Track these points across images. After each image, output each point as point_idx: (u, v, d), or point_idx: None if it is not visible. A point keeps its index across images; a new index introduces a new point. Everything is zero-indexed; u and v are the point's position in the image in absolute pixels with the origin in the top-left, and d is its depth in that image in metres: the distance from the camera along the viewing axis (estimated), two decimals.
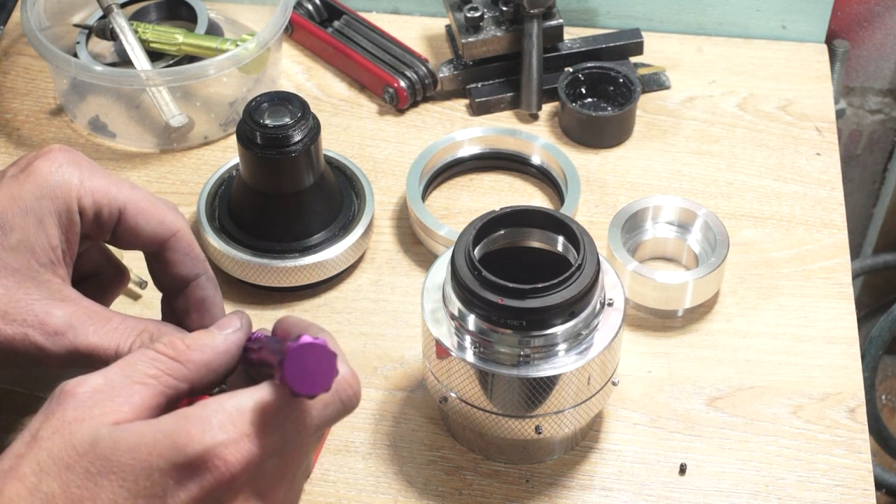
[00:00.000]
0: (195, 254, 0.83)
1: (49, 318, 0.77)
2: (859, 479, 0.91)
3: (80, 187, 0.79)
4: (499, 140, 1.11)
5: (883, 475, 1.54)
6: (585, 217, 1.08)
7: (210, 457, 0.62)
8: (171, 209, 0.83)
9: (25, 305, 0.77)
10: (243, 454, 0.62)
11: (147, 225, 0.81)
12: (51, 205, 0.78)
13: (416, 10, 1.26)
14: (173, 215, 0.82)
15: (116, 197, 0.80)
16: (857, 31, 1.27)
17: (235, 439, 0.62)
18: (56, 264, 0.78)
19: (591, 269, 0.83)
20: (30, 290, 0.77)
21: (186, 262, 0.82)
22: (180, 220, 0.82)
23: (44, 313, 0.77)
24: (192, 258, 0.82)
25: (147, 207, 0.81)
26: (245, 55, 1.09)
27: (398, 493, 0.90)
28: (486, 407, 0.86)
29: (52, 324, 0.77)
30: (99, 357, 0.79)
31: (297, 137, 0.97)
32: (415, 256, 1.05)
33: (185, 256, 0.82)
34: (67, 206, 0.78)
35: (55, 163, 0.79)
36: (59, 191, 0.78)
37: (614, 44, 1.19)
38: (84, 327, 0.78)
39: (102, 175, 0.80)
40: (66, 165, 0.79)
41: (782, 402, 0.95)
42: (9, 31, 1.24)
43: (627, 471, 0.91)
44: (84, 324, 0.78)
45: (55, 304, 0.78)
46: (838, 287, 1.03)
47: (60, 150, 0.80)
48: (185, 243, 0.82)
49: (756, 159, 1.13)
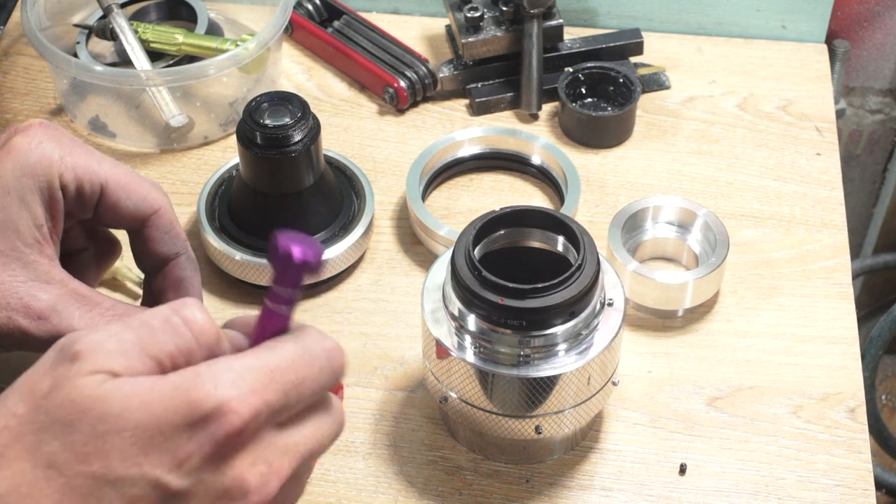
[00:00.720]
0: (175, 232, 0.82)
1: (33, 302, 0.76)
2: (859, 479, 0.91)
3: (61, 163, 0.77)
4: (499, 140, 1.11)
5: (883, 475, 1.54)
6: (585, 217, 1.08)
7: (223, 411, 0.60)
8: (154, 187, 0.82)
9: (10, 288, 0.76)
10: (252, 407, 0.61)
11: (128, 201, 0.80)
12: (32, 182, 0.76)
13: (416, 10, 1.26)
14: (156, 193, 0.82)
15: (98, 172, 0.79)
16: (857, 31, 1.27)
17: (245, 394, 0.61)
18: (42, 243, 0.77)
19: (591, 269, 0.83)
20: (15, 271, 0.76)
21: (166, 240, 0.82)
22: (162, 198, 0.82)
23: (28, 297, 0.76)
24: (172, 236, 0.82)
25: (129, 183, 0.80)
26: (245, 55, 1.09)
27: (398, 493, 0.90)
28: (486, 407, 0.86)
29: (36, 307, 0.76)
30: None
31: (297, 137, 0.97)
32: (415, 256, 1.05)
33: (166, 234, 0.82)
34: (49, 183, 0.77)
35: (35, 139, 0.78)
36: (39, 167, 0.77)
37: (614, 44, 1.19)
38: (69, 311, 0.77)
39: (84, 150, 0.79)
40: (46, 141, 0.78)
41: (782, 402, 0.95)
42: (9, 31, 1.24)
43: (627, 471, 0.91)
44: (69, 307, 0.77)
45: (40, 287, 0.76)
46: (838, 287, 1.03)
47: (40, 125, 0.79)
48: (166, 221, 0.82)
49: (756, 159, 1.13)
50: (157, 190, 0.82)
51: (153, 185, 0.82)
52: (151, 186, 0.82)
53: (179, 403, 0.59)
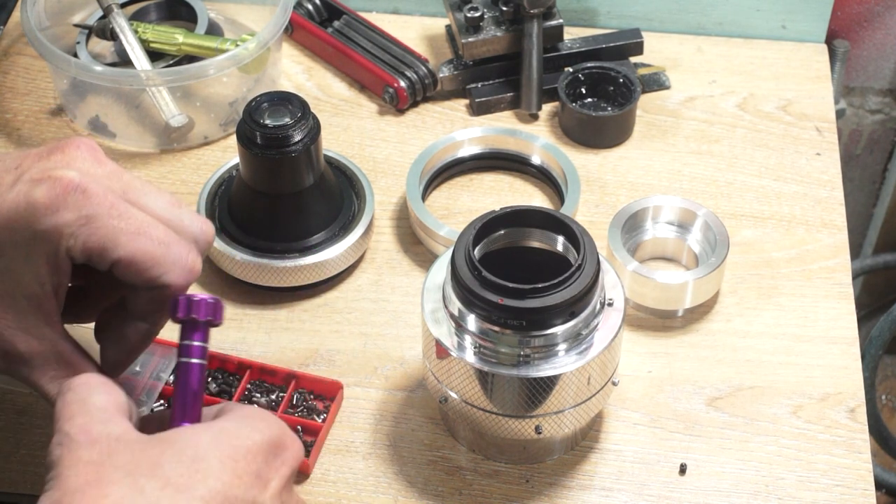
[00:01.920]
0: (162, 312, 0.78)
1: (10, 349, 0.76)
2: (859, 479, 0.91)
3: (71, 237, 0.75)
4: (499, 140, 1.11)
5: (883, 475, 1.54)
6: (585, 217, 1.08)
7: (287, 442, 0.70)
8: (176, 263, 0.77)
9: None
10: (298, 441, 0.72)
11: (137, 278, 0.76)
12: (40, 246, 0.75)
13: (416, 10, 1.26)
14: (175, 273, 0.77)
15: (109, 252, 0.75)
16: (857, 31, 1.27)
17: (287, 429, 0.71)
18: (42, 298, 0.76)
19: (591, 269, 0.83)
20: (7, 315, 0.76)
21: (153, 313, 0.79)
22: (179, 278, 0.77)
23: (8, 343, 0.76)
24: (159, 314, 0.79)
25: (142, 262, 0.76)
26: (245, 55, 1.09)
27: (398, 493, 0.90)
28: (486, 407, 0.86)
29: (12, 353, 0.76)
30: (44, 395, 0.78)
31: (297, 137, 0.96)
32: (415, 256, 1.05)
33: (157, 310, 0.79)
34: (56, 251, 0.75)
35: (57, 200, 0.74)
36: (46, 236, 0.74)
37: (614, 44, 1.19)
38: (42, 369, 0.77)
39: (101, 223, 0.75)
40: (63, 207, 0.74)
41: (782, 402, 0.95)
42: (9, 31, 1.24)
43: (627, 471, 0.91)
44: (43, 366, 0.77)
45: (24, 339, 0.76)
46: (838, 287, 1.03)
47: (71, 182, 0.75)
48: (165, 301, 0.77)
49: (756, 159, 1.13)
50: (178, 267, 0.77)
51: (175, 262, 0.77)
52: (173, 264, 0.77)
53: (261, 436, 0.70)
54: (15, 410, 0.94)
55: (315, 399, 0.94)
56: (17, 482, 0.90)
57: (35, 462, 0.91)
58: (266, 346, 0.99)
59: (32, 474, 0.90)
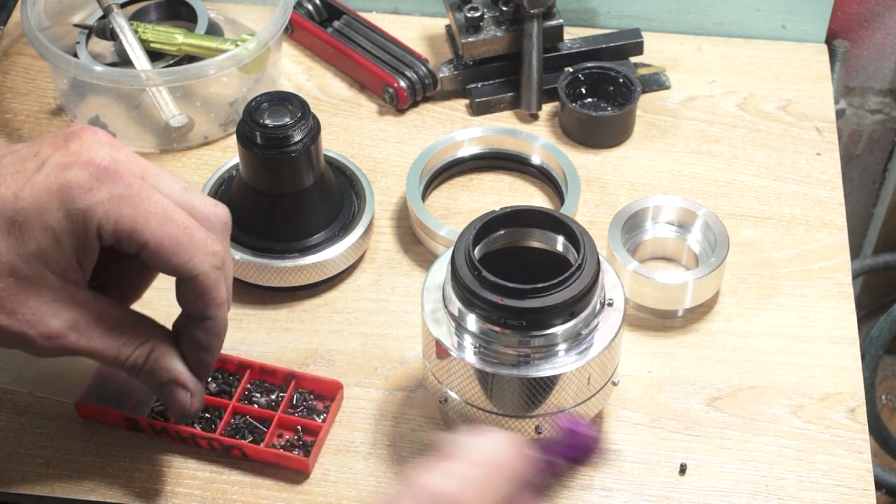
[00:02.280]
0: (208, 299, 0.81)
1: (51, 321, 0.78)
2: (859, 479, 0.91)
3: (104, 216, 0.77)
4: (499, 140, 1.11)
5: (883, 475, 1.54)
6: (585, 217, 1.08)
7: None
8: (203, 249, 0.80)
9: (34, 305, 0.78)
10: None
11: (164, 263, 0.79)
12: (71, 226, 0.77)
13: (416, 10, 1.26)
14: (199, 258, 0.79)
15: (139, 233, 0.77)
16: (857, 31, 1.27)
17: None
18: (69, 271, 0.78)
19: (591, 269, 0.83)
20: (41, 292, 0.78)
21: (196, 303, 0.81)
22: (204, 264, 0.80)
23: (50, 314, 0.78)
24: (203, 301, 0.81)
25: (168, 247, 0.78)
26: (245, 55, 1.09)
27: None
28: (486, 407, 0.86)
29: (54, 326, 0.78)
30: (98, 356, 0.80)
31: (297, 137, 0.96)
32: (415, 256, 1.05)
33: (197, 299, 0.81)
34: (86, 231, 0.77)
35: (88, 181, 0.76)
36: (81, 216, 0.76)
37: (614, 44, 1.19)
38: (90, 331, 0.79)
39: (133, 204, 0.77)
40: (97, 188, 0.76)
41: (782, 402, 0.95)
42: (9, 31, 1.24)
43: (627, 471, 0.91)
44: (90, 327, 0.79)
45: (62, 308, 0.78)
46: (838, 287, 1.03)
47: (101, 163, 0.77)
48: (201, 288, 0.80)
49: (756, 159, 1.13)
50: (202, 254, 0.80)
51: (204, 249, 0.80)
52: (200, 250, 0.80)
53: None
54: (15, 410, 0.94)
55: (315, 399, 0.94)
56: (17, 482, 0.90)
57: (35, 462, 0.91)
58: (266, 346, 0.99)
59: (32, 474, 0.90)
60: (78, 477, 0.90)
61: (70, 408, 0.93)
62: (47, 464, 0.91)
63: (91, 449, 0.92)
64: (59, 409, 0.94)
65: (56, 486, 0.90)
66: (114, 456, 0.91)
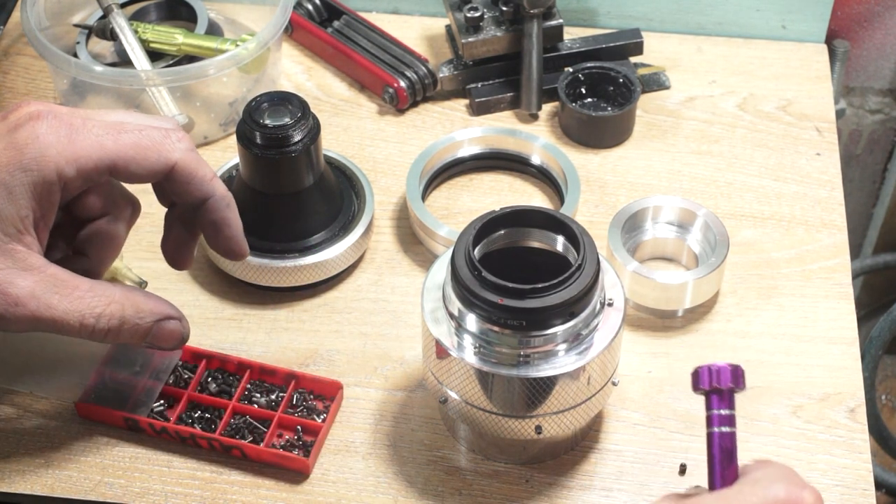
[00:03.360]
0: (198, 178, 0.82)
1: (9, 289, 0.78)
2: (859, 479, 0.91)
3: (60, 157, 0.78)
4: (499, 140, 1.11)
5: (883, 475, 1.54)
6: (585, 217, 1.08)
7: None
8: (167, 140, 0.81)
9: None
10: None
11: (140, 170, 0.80)
12: (24, 177, 0.77)
13: (416, 10, 1.26)
14: (168, 148, 0.81)
15: (101, 158, 0.79)
16: (857, 31, 1.27)
17: None
18: (23, 233, 0.78)
19: (591, 269, 0.83)
20: None
21: (191, 189, 0.82)
22: (176, 151, 0.81)
23: (5, 283, 0.77)
24: (195, 185, 0.82)
25: (135, 154, 0.80)
26: (245, 55, 1.09)
27: (398, 493, 0.90)
28: (486, 407, 0.86)
29: (12, 294, 0.78)
30: (62, 325, 0.79)
31: (297, 137, 0.97)
32: (415, 256, 1.05)
33: (188, 184, 0.82)
34: (44, 178, 0.78)
35: (35, 131, 0.78)
36: (34, 164, 0.77)
37: (614, 44, 1.19)
38: (47, 296, 0.78)
39: (82, 137, 0.79)
40: (46, 134, 0.78)
41: (782, 402, 0.95)
42: (9, 31, 1.24)
43: (627, 471, 0.91)
44: (47, 292, 0.78)
45: (17, 274, 0.78)
46: (838, 287, 1.03)
47: (43, 116, 0.79)
48: (186, 172, 0.82)
49: (756, 159, 1.13)
50: (169, 143, 0.81)
51: (167, 140, 0.81)
52: (164, 142, 0.81)
53: None
54: (15, 410, 0.94)
55: (315, 399, 0.94)
56: (17, 482, 0.90)
57: (35, 462, 0.91)
58: (266, 346, 0.99)
59: (32, 474, 0.90)
60: (78, 477, 0.90)
61: (70, 408, 0.93)
62: (47, 464, 0.91)
63: (91, 449, 0.92)
64: (59, 409, 0.94)
65: (56, 486, 0.90)
66: (114, 456, 0.91)
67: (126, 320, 0.81)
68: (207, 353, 0.95)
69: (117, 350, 0.92)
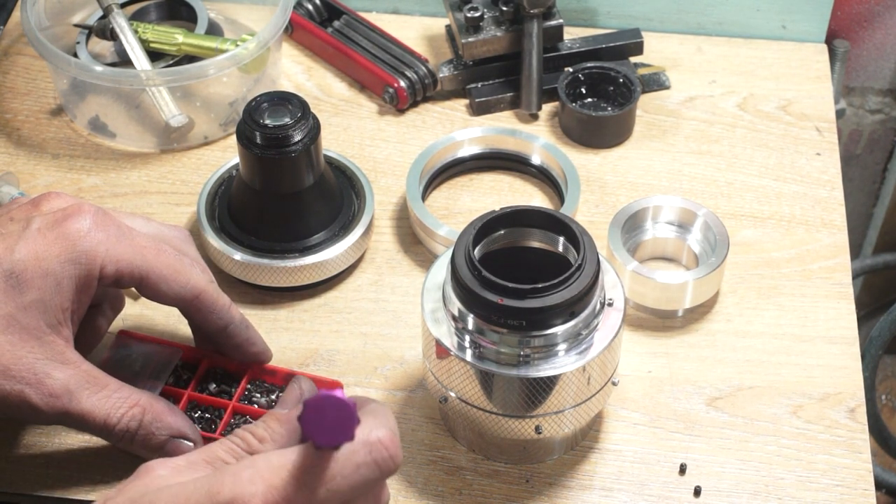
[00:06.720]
0: (219, 308, 0.86)
1: (47, 380, 0.80)
2: (859, 479, 0.91)
3: (106, 256, 0.81)
4: (499, 140, 1.11)
5: (883, 475, 1.54)
6: (585, 217, 1.08)
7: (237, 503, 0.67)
8: (194, 270, 0.85)
9: (27, 364, 0.79)
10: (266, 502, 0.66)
11: (169, 290, 0.84)
12: (73, 270, 0.80)
13: (416, 10, 1.26)
14: (196, 278, 0.85)
15: (140, 267, 0.82)
16: (857, 31, 1.27)
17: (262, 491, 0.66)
18: (62, 325, 0.81)
19: (591, 269, 0.83)
20: (34, 348, 0.79)
21: (212, 318, 0.86)
22: (202, 281, 0.85)
23: (43, 374, 0.79)
24: (217, 314, 0.86)
25: (168, 275, 0.84)
26: (245, 55, 1.09)
27: (398, 493, 0.90)
28: (486, 407, 0.86)
29: (49, 385, 0.80)
30: (89, 421, 0.82)
31: (297, 137, 0.97)
32: (415, 256, 1.05)
33: (210, 314, 0.86)
34: (88, 273, 0.81)
35: (84, 227, 0.81)
36: (84, 257, 0.80)
37: (614, 44, 1.19)
38: (80, 392, 0.81)
39: (128, 242, 0.82)
40: (94, 231, 0.81)
41: (782, 402, 0.95)
42: (9, 31, 1.24)
43: (627, 471, 0.91)
44: (80, 388, 0.81)
45: (56, 367, 0.80)
46: (838, 287, 1.03)
47: (90, 211, 0.82)
48: (208, 303, 0.86)
49: (756, 159, 1.13)
50: (198, 273, 0.86)
51: (194, 269, 0.85)
52: (192, 270, 0.85)
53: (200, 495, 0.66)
54: (17, 422, 0.94)
55: None
56: (16, 482, 0.90)
57: (34, 462, 0.91)
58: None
59: (32, 474, 0.90)
60: (78, 477, 0.90)
61: None
62: (47, 464, 0.91)
63: (91, 449, 0.92)
64: None
65: (56, 486, 0.90)
66: (113, 456, 0.91)
67: (144, 426, 0.83)
68: (207, 353, 0.95)
69: (117, 350, 0.92)
